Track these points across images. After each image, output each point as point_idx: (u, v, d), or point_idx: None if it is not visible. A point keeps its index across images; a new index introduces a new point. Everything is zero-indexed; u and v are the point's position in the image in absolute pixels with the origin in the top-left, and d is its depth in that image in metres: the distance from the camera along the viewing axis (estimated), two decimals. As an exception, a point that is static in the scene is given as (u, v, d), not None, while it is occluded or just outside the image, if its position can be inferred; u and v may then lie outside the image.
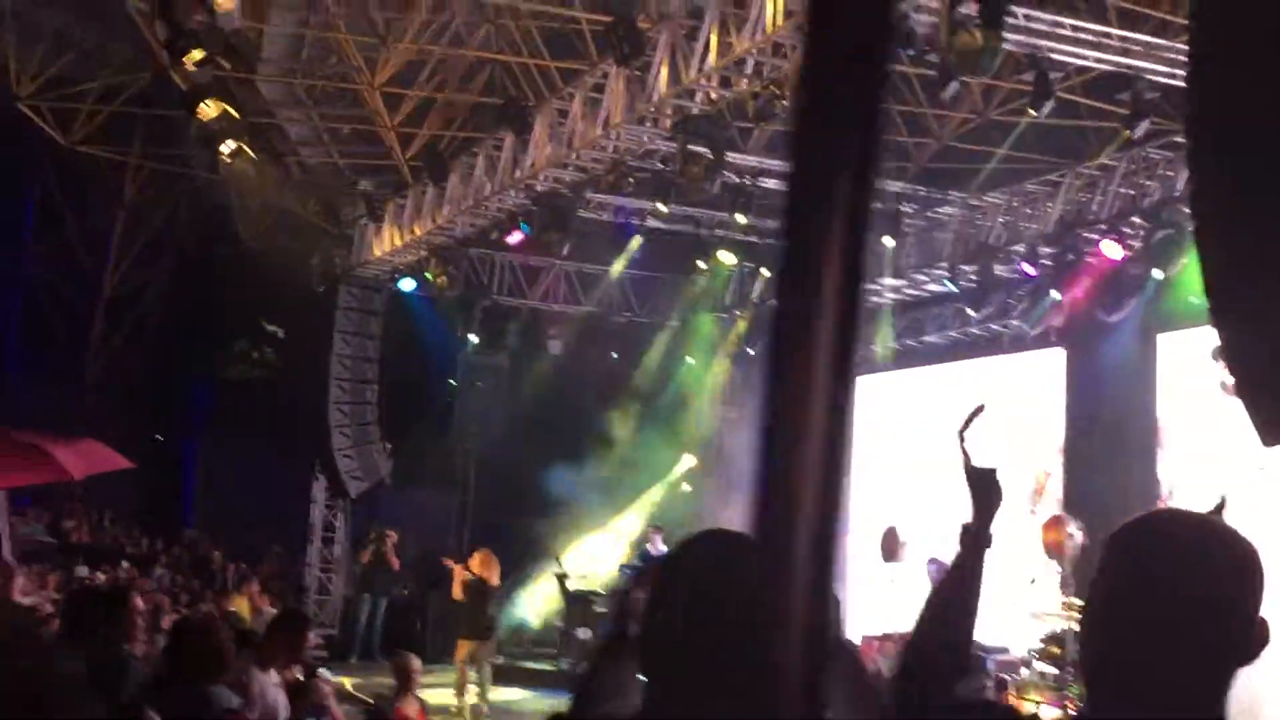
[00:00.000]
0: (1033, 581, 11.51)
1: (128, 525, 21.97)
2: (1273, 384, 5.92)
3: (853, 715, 2.46)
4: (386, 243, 18.09)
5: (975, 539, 2.31)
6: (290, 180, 19.16)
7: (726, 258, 18.46)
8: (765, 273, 18.94)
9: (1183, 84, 7.56)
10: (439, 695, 14.44)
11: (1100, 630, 1.92)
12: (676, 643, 1.99)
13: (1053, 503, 15.34)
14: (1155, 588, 1.85)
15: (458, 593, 14.58)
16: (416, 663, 9.07)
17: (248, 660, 6.59)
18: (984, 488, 2.33)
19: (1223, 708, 1.83)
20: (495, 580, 14.72)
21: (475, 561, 14.68)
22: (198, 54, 13.56)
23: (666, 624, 2.03)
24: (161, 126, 19.68)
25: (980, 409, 2.40)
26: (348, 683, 15.81)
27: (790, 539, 0.81)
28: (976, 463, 2.36)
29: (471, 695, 14.41)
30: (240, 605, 15.60)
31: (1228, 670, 1.86)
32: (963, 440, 2.38)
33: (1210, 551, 1.87)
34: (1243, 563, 1.88)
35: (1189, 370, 14.36)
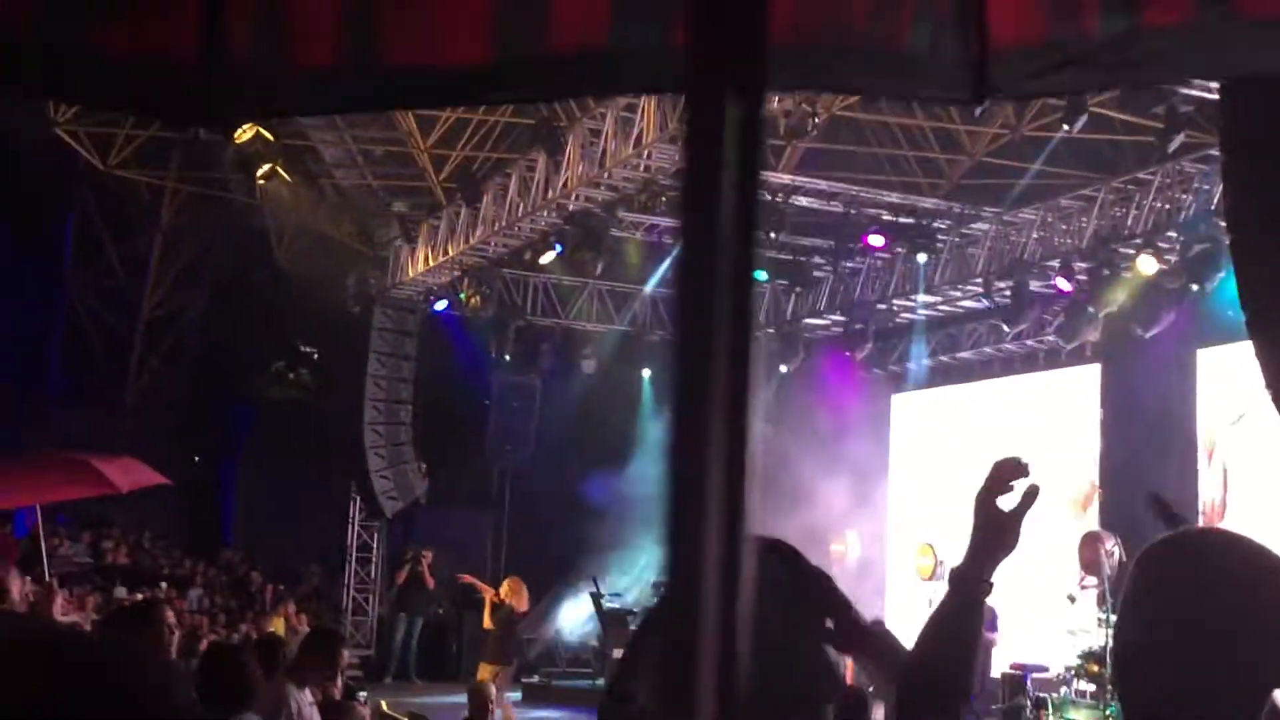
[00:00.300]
0: (1071, 599, 11.42)
1: (167, 547, 22.10)
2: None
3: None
4: (420, 264, 18.19)
5: (970, 584, 2.14)
6: (325, 202, 19.28)
7: (760, 275, 18.49)
8: (799, 290, 18.95)
9: (1217, 96, 7.54)
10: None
11: (1131, 653, 1.89)
12: None
13: (1094, 517, 15.25)
14: (1186, 609, 1.82)
15: (487, 621, 14.58)
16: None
17: (284, 680, 6.62)
18: (993, 534, 2.15)
19: None
20: (524, 607, 14.73)
21: (505, 588, 14.67)
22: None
23: None
24: (198, 150, 19.84)
25: (1025, 467, 2.17)
26: (384, 703, 15.83)
27: (700, 549, 0.84)
28: (1002, 503, 2.15)
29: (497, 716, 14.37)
30: (277, 625, 15.70)
31: (1264, 690, 1.82)
32: (1000, 475, 2.17)
33: (1242, 571, 1.83)
34: (1276, 581, 1.86)
35: (1229, 385, 14.25)
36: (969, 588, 2.15)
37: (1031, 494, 2.15)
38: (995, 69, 1.35)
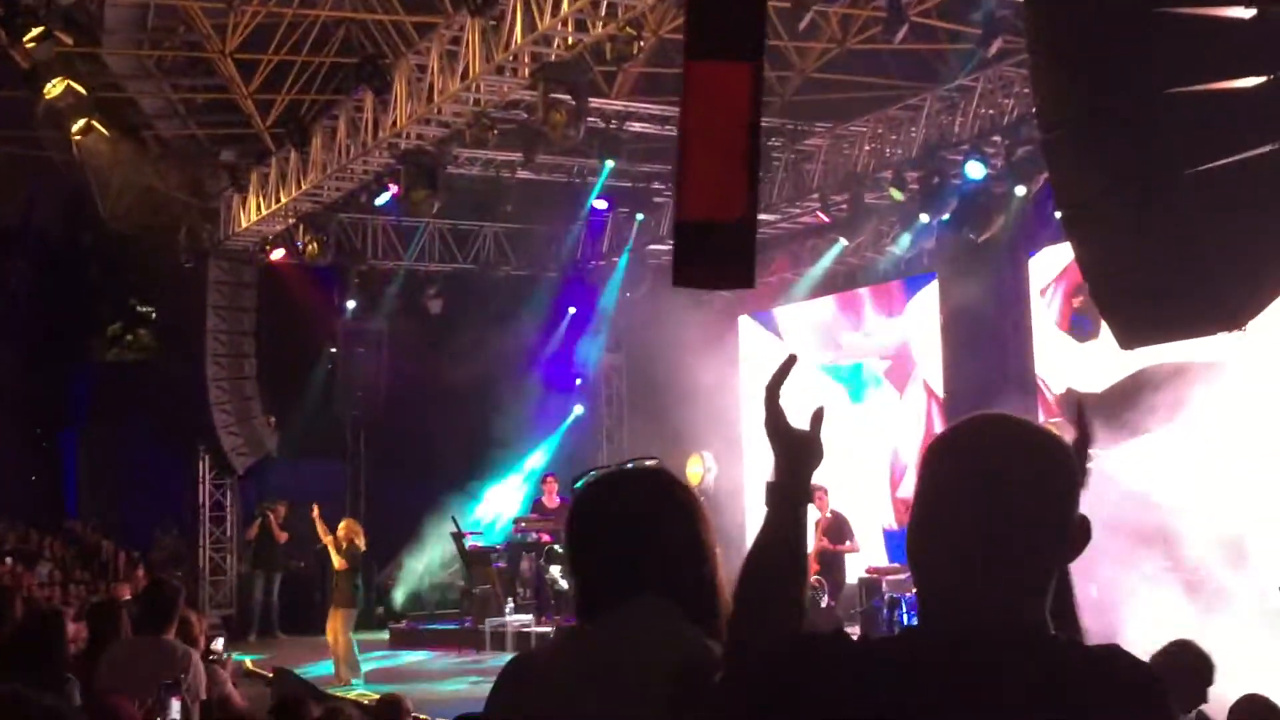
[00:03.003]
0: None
1: (10, 521, 21.37)
2: (1127, 292, 6.03)
3: None
4: (253, 213, 17.71)
5: (791, 495, 2.11)
6: (148, 155, 18.61)
7: (599, 204, 18.55)
8: (640, 216, 18.96)
9: None
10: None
11: (924, 538, 1.90)
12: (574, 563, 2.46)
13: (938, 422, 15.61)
14: (974, 492, 1.84)
15: (339, 562, 14.37)
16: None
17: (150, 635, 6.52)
18: (799, 449, 2.13)
19: (1045, 609, 1.83)
20: (363, 546, 14.68)
21: (341, 531, 14.48)
22: (36, 30, 13.11)
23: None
24: (8, 108, 18.99)
25: (792, 360, 2.18)
26: (249, 661, 15.63)
27: None
28: (791, 422, 2.14)
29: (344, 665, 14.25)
30: (130, 593, 15.32)
31: (1049, 571, 1.86)
32: (774, 397, 2.16)
33: (1025, 453, 1.86)
34: (1058, 462, 1.87)
35: (1059, 286, 14.66)
36: (786, 500, 2.12)
37: (818, 417, 2.16)
38: None
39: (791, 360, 2.19)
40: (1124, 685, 1.77)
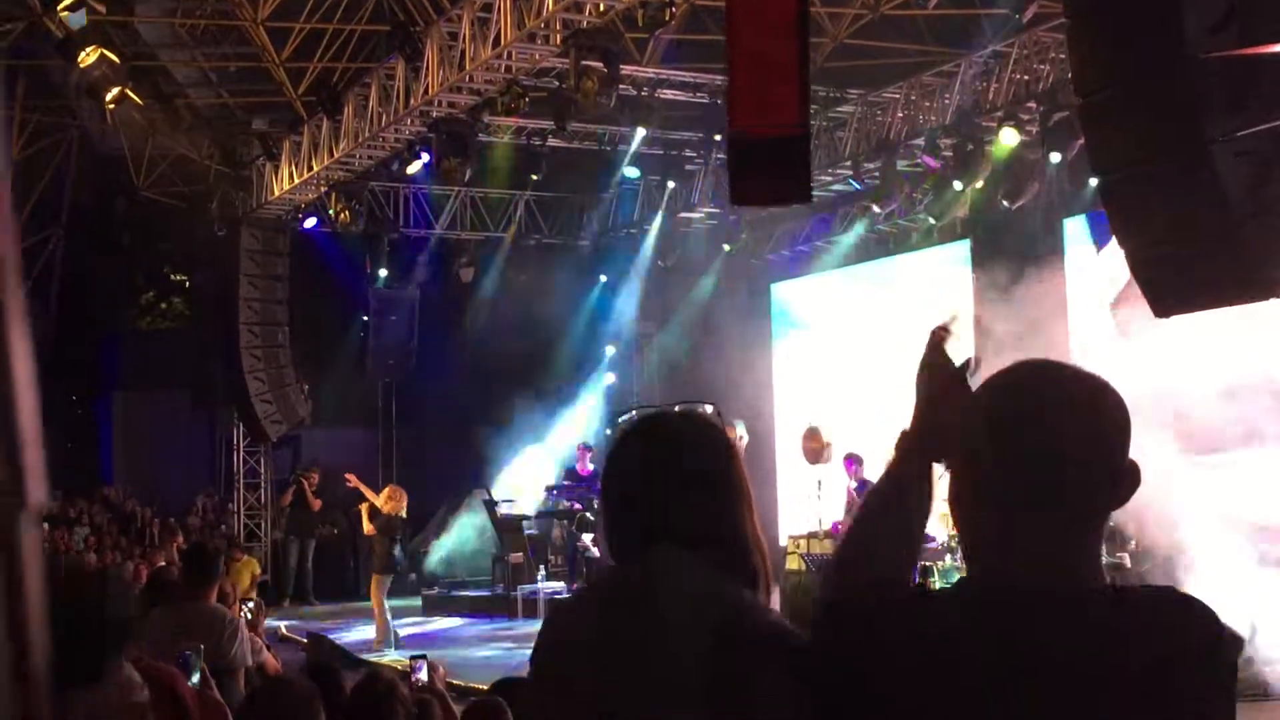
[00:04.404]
0: (940, 477, 11.70)
1: (47, 487, 21.59)
2: (1162, 259, 5.97)
3: None
4: (285, 181, 17.76)
5: (917, 445, 2.05)
6: (181, 124, 18.67)
7: (632, 173, 18.50)
8: (671, 184, 18.90)
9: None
10: (364, 632, 14.52)
11: (965, 484, 1.88)
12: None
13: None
14: (1015, 436, 1.81)
15: (367, 527, 14.35)
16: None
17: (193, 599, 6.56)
18: (937, 394, 2.06)
19: (1095, 556, 1.81)
20: (402, 514, 14.56)
21: (384, 495, 14.50)
22: (70, -1, 13.18)
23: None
24: (43, 77, 19.09)
25: (954, 317, 2.12)
26: (283, 626, 15.78)
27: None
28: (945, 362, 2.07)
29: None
30: (166, 559, 15.47)
31: (1096, 517, 1.84)
32: (939, 339, 2.09)
33: (1079, 399, 1.83)
34: (1106, 405, 1.85)
35: (1094, 252, 14.55)
36: (911, 450, 2.05)
37: (967, 366, 2.09)
38: None
39: (948, 325, 2.13)
40: (1173, 628, 1.74)
